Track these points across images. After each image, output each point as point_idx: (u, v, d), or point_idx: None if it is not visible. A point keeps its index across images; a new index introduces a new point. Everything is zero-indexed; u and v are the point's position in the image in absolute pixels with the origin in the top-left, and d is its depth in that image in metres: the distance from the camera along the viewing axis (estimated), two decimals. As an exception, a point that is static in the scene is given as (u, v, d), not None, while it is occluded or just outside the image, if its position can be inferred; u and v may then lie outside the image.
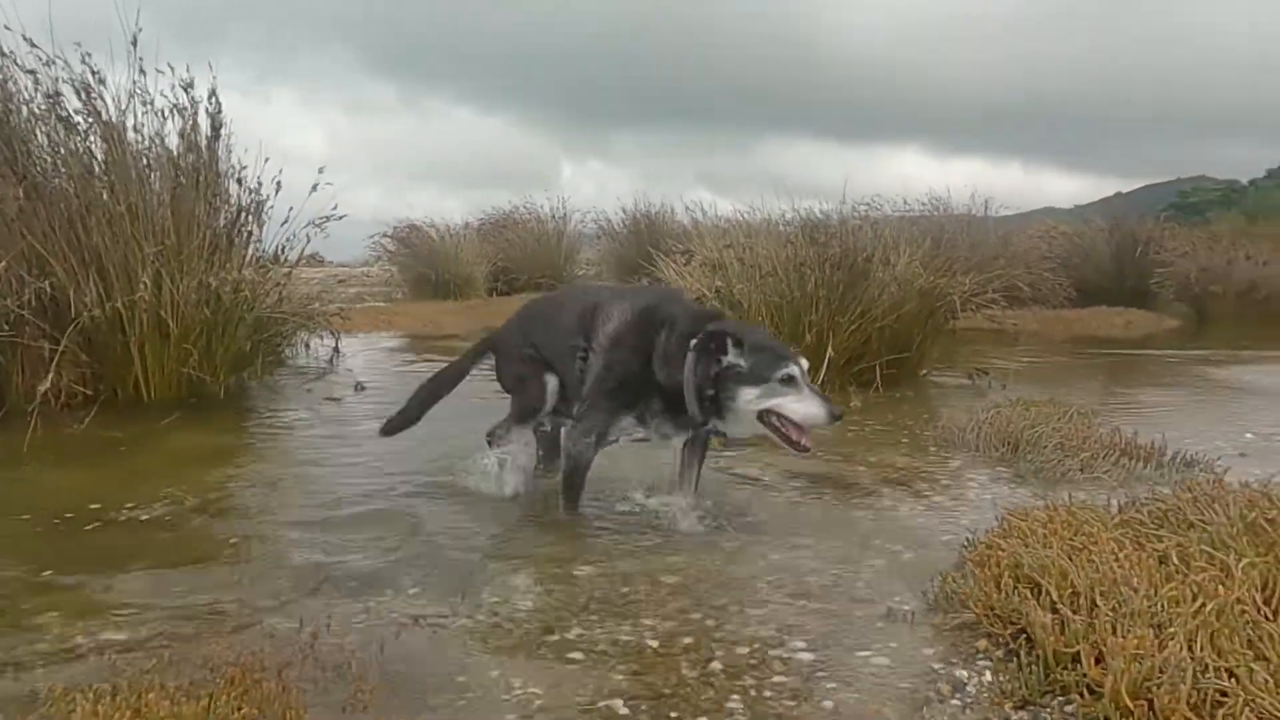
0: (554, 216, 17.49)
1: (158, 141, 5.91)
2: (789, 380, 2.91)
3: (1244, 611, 1.78)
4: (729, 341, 2.97)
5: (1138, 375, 7.73)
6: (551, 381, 3.43)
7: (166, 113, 5.95)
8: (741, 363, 2.94)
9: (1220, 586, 1.88)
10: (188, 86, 6.03)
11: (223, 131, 6.15)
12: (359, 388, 6.29)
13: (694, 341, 3.02)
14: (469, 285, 15.38)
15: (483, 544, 3.06)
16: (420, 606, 2.53)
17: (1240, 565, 1.94)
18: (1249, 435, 4.86)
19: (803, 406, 2.90)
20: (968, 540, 2.79)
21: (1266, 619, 1.81)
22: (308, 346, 8.24)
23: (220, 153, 6.17)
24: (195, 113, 6.06)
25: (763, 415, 2.95)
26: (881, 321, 6.31)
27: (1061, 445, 4.24)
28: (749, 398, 2.93)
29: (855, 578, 2.74)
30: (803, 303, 6.26)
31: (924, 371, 7.02)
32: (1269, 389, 6.61)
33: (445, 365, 3.83)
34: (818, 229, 8.07)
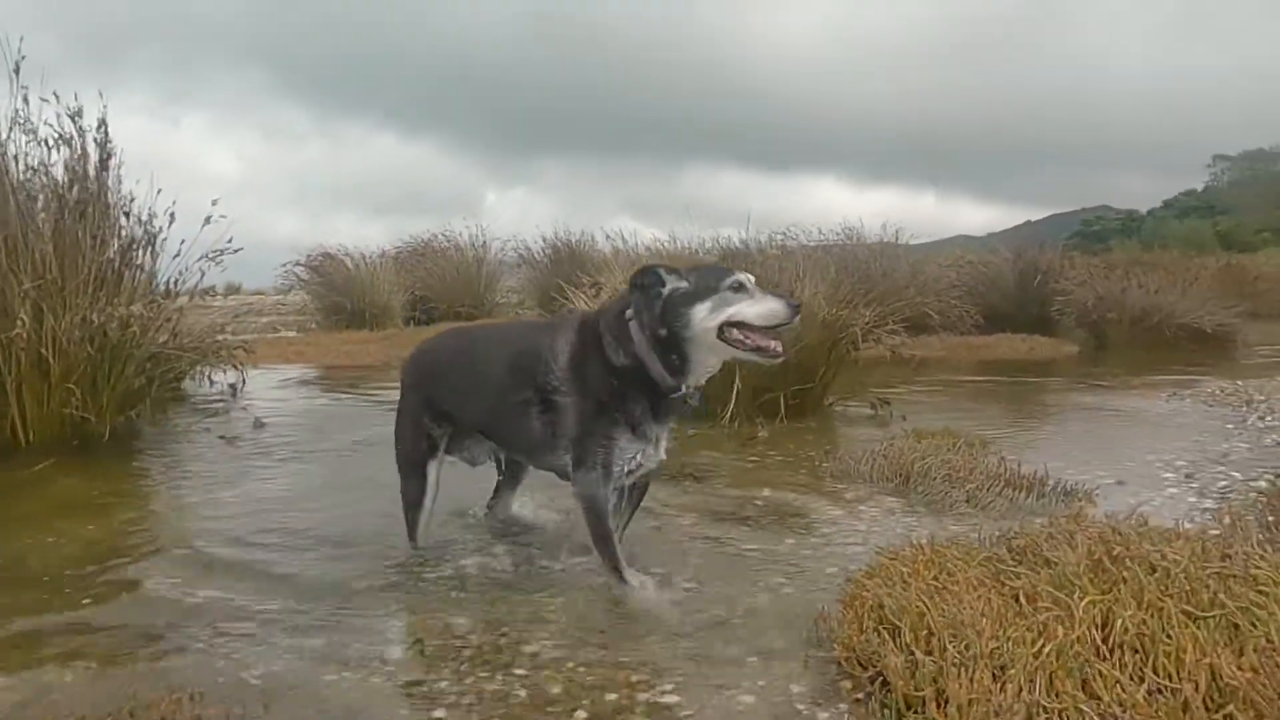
0: (474, 245, 17.41)
1: (41, 172, 5.71)
2: (739, 287, 2.78)
3: (1079, 654, 1.84)
4: (661, 271, 2.85)
5: (1034, 402, 8.00)
6: (433, 474, 3.31)
7: (51, 142, 5.76)
8: (684, 284, 2.81)
9: (1061, 626, 1.94)
10: (75, 115, 5.85)
11: (112, 162, 5.98)
12: (258, 425, 6.10)
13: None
14: (385, 315, 15.15)
15: (356, 593, 2.98)
16: (287, 662, 2.46)
17: (1082, 604, 2.01)
18: (1129, 464, 5.05)
19: (759, 306, 2.75)
20: (844, 579, 2.83)
21: (1103, 658, 1.87)
22: (210, 381, 8.01)
23: (110, 183, 5.99)
24: (83, 142, 5.88)
25: (723, 333, 2.77)
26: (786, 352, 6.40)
27: (950, 476, 4.35)
28: (702, 314, 2.76)
29: (734, 616, 2.75)
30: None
31: (829, 401, 7.14)
32: (1153, 415, 6.90)
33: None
34: (729, 258, 8.20)
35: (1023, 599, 2.12)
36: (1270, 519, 3.50)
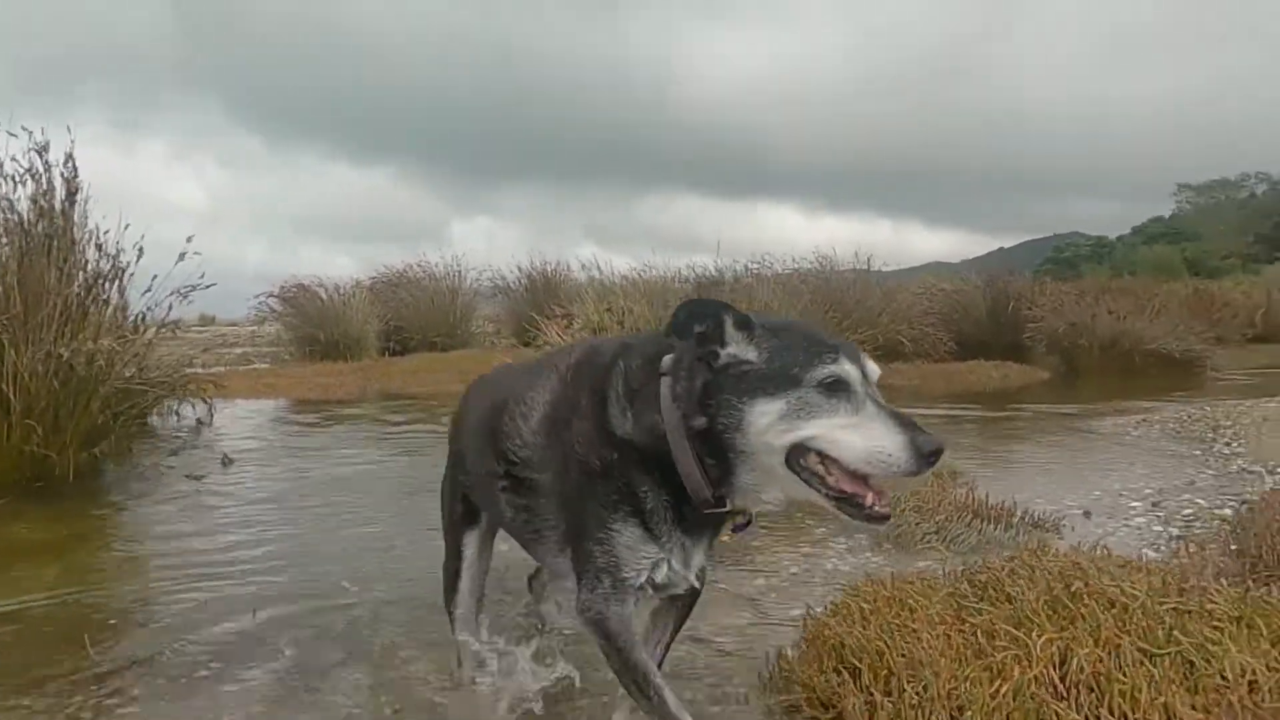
0: (448, 274, 17.38)
1: (6, 207, 5.66)
2: (835, 386, 1.69)
3: (1035, 694, 1.84)
4: (728, 321, 1.77)
5: (1006, 430, 8.05)
6: (471, 546, 2.56)
7: (17, 178, 5.72)
8: (752, 355, 1.75)
9: (1019, 665, 1.94)
10: (41, 150, 5.81)
11: (79, 196, 5.93)
12: (226, 462, 6.01)
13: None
14: (360, 345, 15.05)
15: (327, 658, 2.92)
16: None
17: (1040, 642, 2.01)
18: (1096, 493, 5.09)
19: (859, 437, 1.66)
20: (807, 618, 2.82)
21: (1060, 697, 1.87)
22: (177, 416, 7.92)
23: (76, 217, 5.95)
24: (50, 177, 5.84)
25: (794, 460, 1.73)
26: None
27: (919, 508, 4.35)
28: (768, 420, 1.71)
29: (699, 660, 2.73)
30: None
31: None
32: (1121, 443, 6.97)
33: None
34: (704, 288, 8.24)
35: (982, 636, 2.12)
36: (1234, 547, 3.53)
